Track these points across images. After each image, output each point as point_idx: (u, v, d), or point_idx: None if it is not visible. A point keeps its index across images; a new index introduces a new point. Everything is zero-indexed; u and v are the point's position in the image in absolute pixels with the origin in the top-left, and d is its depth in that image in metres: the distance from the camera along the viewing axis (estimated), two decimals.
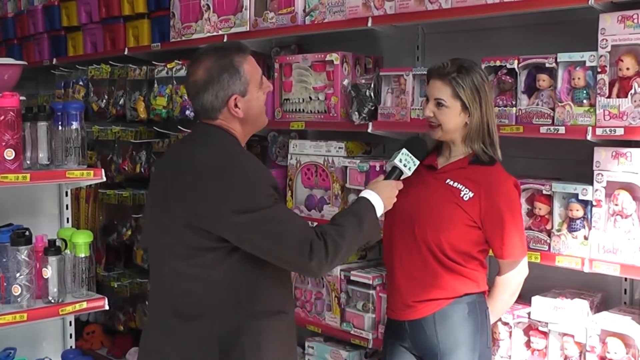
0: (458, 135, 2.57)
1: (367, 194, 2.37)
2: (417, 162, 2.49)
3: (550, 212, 2.74)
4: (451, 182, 2.54)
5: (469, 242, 2.51)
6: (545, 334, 2.74)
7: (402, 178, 2.49)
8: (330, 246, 2.14)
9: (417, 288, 2.54)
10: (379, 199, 2.36)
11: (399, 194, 2.72)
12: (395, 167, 2.48)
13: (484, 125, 2.54)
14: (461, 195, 2.51)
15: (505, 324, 2.83)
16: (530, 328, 2.80)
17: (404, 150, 2.48)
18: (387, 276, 2.79)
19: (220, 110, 2.28)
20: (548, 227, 2.74)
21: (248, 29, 3.72)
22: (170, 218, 2.24)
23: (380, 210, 2.35)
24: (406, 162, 2.47)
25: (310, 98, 3.49)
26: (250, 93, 2.29)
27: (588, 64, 2.60)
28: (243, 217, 2.11)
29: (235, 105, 2.27)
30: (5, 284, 2.79)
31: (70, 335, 3.43)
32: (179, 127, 4.21)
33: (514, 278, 2.61)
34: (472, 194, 2.50)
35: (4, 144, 2.73)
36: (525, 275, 2.63)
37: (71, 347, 3.43)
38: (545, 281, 2.96)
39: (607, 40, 2.54)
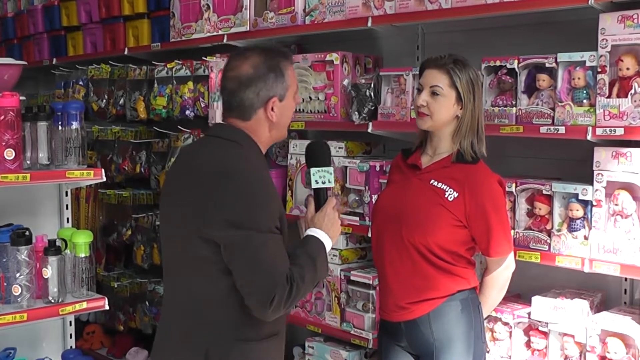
0: (446, 129, 2.56)
1: (315, 232, 2.27)
2: (331, 169, 2.40)
3: (550, 212, 2.74)
4: (435, 183, 2.53)
5: (456, 242, 2.51)
6: (545, 334, 2.74)
7: (328, 187, 2.39)
8: (293, 292, 2.07)
9: (410, 290, 2.54)
10: (327, 236, 2.28)
11: (384, 195, 2.73)
12: (317, 190, 2.37)
13: (474, 120, 2.54)
14: (446, 195, 2.50)
15: (506, 324, 2.83)
16: (531, 328, 2.80)
17: (313, 170, 2.37)
18: (378, 278, 2.79)
19: (256, 111, 2.22)
20: (548, 227, 2.74)
21: (248, 29, 3.72)
22: (181, 223, 2.19)
23: (329, 248, 2.28)
24: (321, 177, 2.37)
25: (310, 98, 3.49)
26: (286, 100, 2.26)
27: (588, 63, 2.60)
28: (236, 231, 2.05)
29: (272, 109, 2.22)
30: (5, 284, 2.79)
31: (70, 335, 3.43)
32: (179, 127, 4.21)
33: (501, 274, 2.61)
34: (457, 194, 2.49)
35: (4, 144, 2.73)
36: (512, 269, 2.63)
37: (71, 347, 3.43)
38: (545, 281, 2.97)
39: (607, 40, 2.54)
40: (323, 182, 2.37)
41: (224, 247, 2.09)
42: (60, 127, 2.93)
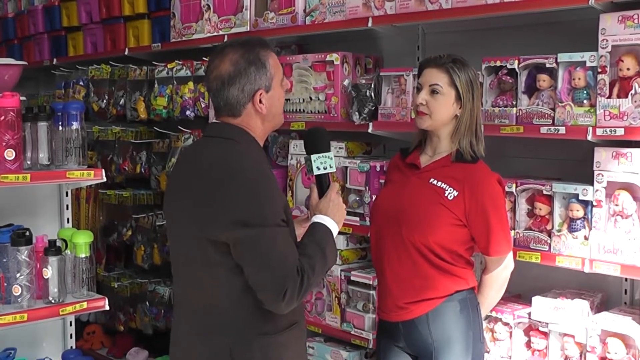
0: (445, 128, 2.57)
1: (321, 219, 2.27)
2: (331, 154, 2.38)
3: (551, 213, 2.74)
4: (435, 182, 2.53)
5: (456, 241, 2.51)
6: (545, 334, 2.74)
7: (330, 172, 2.39)
8: (305, 283, 2.08)
9: (409, 289, 2.54)
10: (333, 222, 2.28)
11: (383, 195, 2.72)
12: (319, 177, 2.36)
13: (473, 120, 2.55)
14: (445, 194, 2.50)
15: (506, 324, 2.83)
16: (531, 328, 2.80)
17: (314, 157, 2.35)
18: (377, 278, 2.79)
19: (245, 106, 2.21)
20: (548, 227, 2.74)
21: (248, 29, 3.72)
22: (187, 226, 2.20)
23: (335, 234, 2.29)
24: (322, 163, 2.36)
25: (311, 98, 3.49)
26: (273, 89, 2.24)
27: (588, 64, 2.60)
28: (243, 229, 2.06)
29: (260, 101, 2.22)
30: (5, 284, 2.79)
31: (71, 335, 3.43)
32: (179, 127, 4.21)
33: (500, 274, 2.62)
34: (457, 192, 2.50)
35: (4, 144, 2.73)
36: (511, 269, 2.64)
37: (71, 347, 3.43)
38: (546, 281, 2.97)
39: (607, 41, 2.54)
40: (325, 168, 2.36)
41: (233, 246, 2.09)
42: (60, 128, 2.94)
